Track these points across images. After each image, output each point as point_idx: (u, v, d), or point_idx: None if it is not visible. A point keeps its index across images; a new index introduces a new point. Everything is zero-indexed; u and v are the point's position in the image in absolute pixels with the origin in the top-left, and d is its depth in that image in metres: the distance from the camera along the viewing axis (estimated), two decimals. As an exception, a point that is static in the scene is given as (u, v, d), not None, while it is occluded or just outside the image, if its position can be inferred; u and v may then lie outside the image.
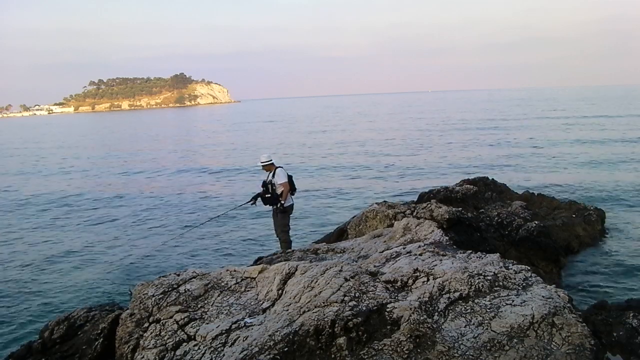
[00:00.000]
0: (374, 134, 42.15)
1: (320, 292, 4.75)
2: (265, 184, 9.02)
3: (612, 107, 63.88)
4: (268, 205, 9.20)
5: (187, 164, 28.09)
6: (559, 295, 4.63)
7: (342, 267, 5.14)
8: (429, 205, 8.36)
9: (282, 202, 8.90)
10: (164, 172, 25.17)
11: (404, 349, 4.08)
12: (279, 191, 8.93)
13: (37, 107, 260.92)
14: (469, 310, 4.52)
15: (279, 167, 9.12)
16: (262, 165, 9.14)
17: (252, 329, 4.56)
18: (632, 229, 11.13)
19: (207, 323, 4.85)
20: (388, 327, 4.33)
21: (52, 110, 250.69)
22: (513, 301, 4.57)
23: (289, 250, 8.16)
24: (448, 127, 45.35)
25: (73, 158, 35.07)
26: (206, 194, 18.72)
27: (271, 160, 9.11)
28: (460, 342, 4.15)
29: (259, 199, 9.15)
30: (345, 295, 4.63)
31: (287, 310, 4.69)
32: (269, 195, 8.98)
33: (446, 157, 25.98)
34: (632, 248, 9.86)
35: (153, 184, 21.94)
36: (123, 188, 21.35)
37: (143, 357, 4.65)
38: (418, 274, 5.17)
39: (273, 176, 9.01)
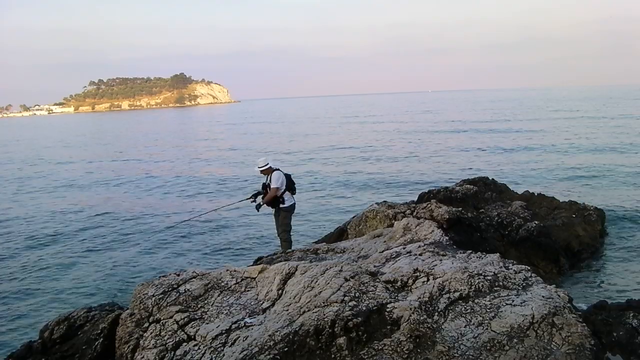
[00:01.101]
0: (374, 133, 42.16)
1: (320, 292, 4.75)
2: (264, 187, 9.12)
3: (612, 107, 63.88)
4: (269, 207, 9.28)
5: (186, 167, 27.97)
6: (559, 295, 4.63)
7: (342, 267, 5.15)
8: (429, 205, 8.35)
9: (262, 203, 9.08)
10: (164, 175, 25.13)
11: (404, 349, 4.08)
12: (278, 193, 8.98)
13: (37, 107, 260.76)
14: (469, 310, 4.52)
15: (276, 169, 9.15)
16: (260, 170, 9.17)
17: (252, 329, 4.56)
18: (632, 229, 11.12)
19: (207, 323, 4.86)
20: (388, 327, 4.33)
21: (52, 110, 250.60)
22: (513, 301, 4.57)
23: (289, 250, 8.18)
24: (448, 127, 45.33)
25: (74, 157, 35.07)
26: (205, 202, 18.64)
27: (268, 164, 9.13)
28: (460, 342, 4.15)
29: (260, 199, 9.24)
30: (345, 295, 4.63)
31: (287, 310, 4.69)
32: (269, 197, 9.06)
33: (446, 157, 25.98)
34: (632, 248, 9.86)
35: (153, 187, 21.93)
36: (122, 189, 21.35)
37: (143, 357, 4.65)
38: (418, 274, 5.18)
39: (270, 180, 9.07)
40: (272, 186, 8.93)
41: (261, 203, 9.08)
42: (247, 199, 9.49)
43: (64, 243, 12.84)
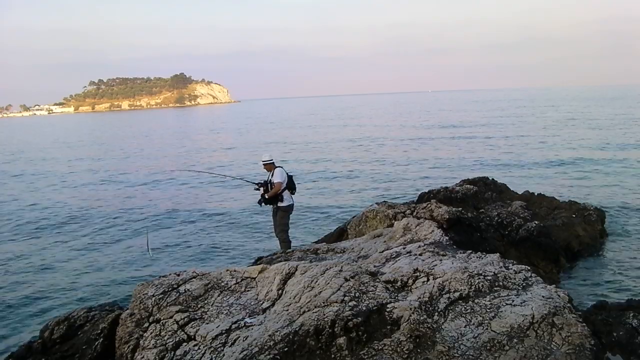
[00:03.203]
0: (374, 134, 42.14)
1: (320, 292, 4.75)
2: (265, 183, 9.10)
3: (612, 107, 63.87)
4: (268, 205, 9.25)
5: (187, 170, 27.83)
6: (559, 295, 4.63)
7: (342, 267, 5.14)
8: (429, 205, 8.36)
9: (267, 196, 9.02)
10: (163, 177, 25.11)
11: (404, 349, 4.08)
12: (280, 188, 8.98)
13: (37, 107, 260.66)
14: (469, 310, 4.52)
15: (279, 166, 9.17)
16: (263, 164, 9.20)
17: (252, 329, 4.56)
18: (632, 229, 11.12)
19: (207, 323, 4.86)
20: (388, 327, 4.33)
21: (52, 110, 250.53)
22: (513, 301, 4.57)
23: (289, 250, 8.18)
24: (448, 127, 45.31)
25: (75, 159, 35.06)
26: (206, 203, 18.61)
27: (272, 160, 9.16)
28: (460, 342, 4.15)
29: (260, 197, 9.23)
30: (345, 295, 4.63)
31: (287, 310, 4.69)
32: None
33: (446, 157, 25.96)
34: (632, 248, 9.86)
35: (152, 187, 21.91)
36: (121, 190, 21.34)
37: (143, 357, 4.65)
38: (418, 274, 5.17)
39: (272, 175, 9.07)
40: (274, 181, 8.93)
41: (266, 196, 9.05)
42: (253, 182, 9.50)
43: (64, 244, 12.84)
